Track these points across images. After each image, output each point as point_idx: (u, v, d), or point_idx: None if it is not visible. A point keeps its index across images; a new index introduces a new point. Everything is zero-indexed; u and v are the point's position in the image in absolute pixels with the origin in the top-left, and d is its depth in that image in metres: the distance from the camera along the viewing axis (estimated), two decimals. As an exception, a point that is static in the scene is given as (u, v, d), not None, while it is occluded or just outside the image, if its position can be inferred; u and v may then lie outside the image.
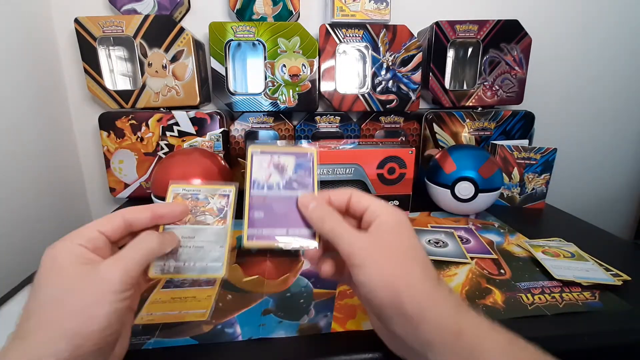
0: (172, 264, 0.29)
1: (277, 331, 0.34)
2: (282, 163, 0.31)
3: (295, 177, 0.31)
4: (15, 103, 0.61)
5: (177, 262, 0.29)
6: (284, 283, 0.43)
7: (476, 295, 0.40)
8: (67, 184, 0.76)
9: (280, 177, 0.31)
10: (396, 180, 0.61)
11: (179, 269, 0.29)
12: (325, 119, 0.76)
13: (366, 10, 0.70)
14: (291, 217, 0.29)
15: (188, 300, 0.39)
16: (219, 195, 0.32)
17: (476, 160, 0.60)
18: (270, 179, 0.30)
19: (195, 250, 0.30)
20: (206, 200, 0.31)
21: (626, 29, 0.87)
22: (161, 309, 0.37)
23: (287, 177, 0.31)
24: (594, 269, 0.43)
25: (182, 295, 0.40)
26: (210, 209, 0.31)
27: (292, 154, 0.31)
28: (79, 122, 0.79)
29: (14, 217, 0.59)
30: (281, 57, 0.69)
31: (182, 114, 0.69)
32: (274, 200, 0.30)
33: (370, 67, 0.72)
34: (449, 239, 0.53)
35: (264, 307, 0.38)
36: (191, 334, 0.34)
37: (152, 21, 0.65)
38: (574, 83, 0.90)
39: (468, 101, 0.75)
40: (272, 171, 0.31)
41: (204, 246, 0.30)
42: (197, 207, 0.31)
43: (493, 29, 0.71)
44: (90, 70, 0.66)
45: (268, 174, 0.30)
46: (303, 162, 0.31)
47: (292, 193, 0.30)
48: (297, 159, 0.31)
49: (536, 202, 0.69)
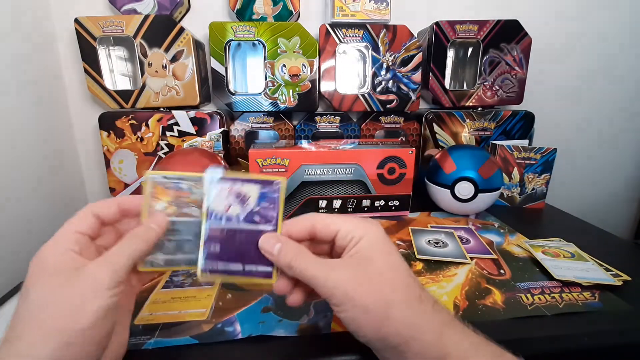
0: (161, 257, 0.28)
1: (277, 329, 0.34)
2: (244, 193, 0.28)
3: (258, 209, 0.28)
4: (15, 103, 0.61)
5: (165, 255, 0.29)
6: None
7: (476, 295, 0.40)
8: (67, 184, 0.76)
9: (241, 208, 0.28)
10: (396, 180, 0.61)
11: (169, 262, 0.29)
12: (325, 119, 0.76)
13: (366, 10, 0.70)
14: (249, 253, 0.28)
15: (188, 299, 0.39)
16: None
17: (476, 160, 0.60)
18: (229, 210, 0.28)
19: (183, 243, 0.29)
20: (190, 190, 0.29)
21: (626, 29, 0.87)
22: (161, 308, 0.37)
23: (249, 208, 0.28)
24: (594, 269, 0.43)
25: (182, 295, 0.40)
26: (195, 200, 0.29)
27: (257, 183, 0.28)
28: (79, 122, 0.79)
29: (14, 217, 0.59)
30: (281, 57, 0.69)
31: (182, 114, 0.69)
32: (232, 233, 0.28)
33: (370, 67, 0.72)
34: (449, 239, 0.53)
35: (263, 304, 0.38)
36: (191, 333, 0.34)
37: (152, 21, 0.65)
38: (574, 83, 0.90)
39: (468, 101, 0.75)
40: (232, 201, 0.28)
41: (191, 239, 0.29)
42: (181, 197, 0.29)
43: (493, 29, 0.71)
44: (90, 70, 0.66)
45: (227, 204, 0.28)
46: (268, 192, 0.28)
47: (253, 227, 0.28)
48: (261, 188, 0.28)
49: (536, 202, 0.69)
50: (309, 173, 0.59)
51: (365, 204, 0.62)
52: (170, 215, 0.28)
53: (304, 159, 0.58)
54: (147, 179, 0.28)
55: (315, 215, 0.29)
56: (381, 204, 0.62)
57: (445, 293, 0.40)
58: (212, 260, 0.28)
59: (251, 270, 0.28)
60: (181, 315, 0.36)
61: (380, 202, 0.62)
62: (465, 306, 0.38)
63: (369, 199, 0.61)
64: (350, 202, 0.61)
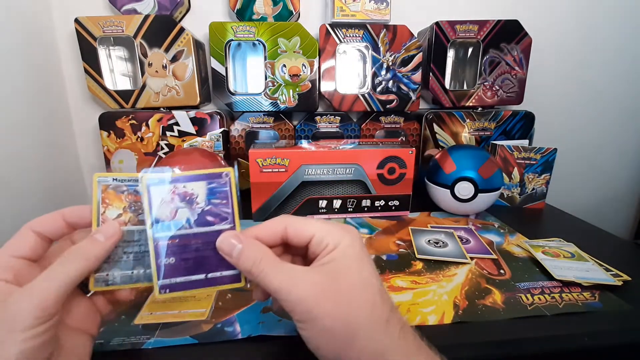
0: (117, 273, 0.25)
1: (277, 329, 0.34)
2: (190, 192, 0.25)
3: (210, 208, 0.25)
4: (15, 103, 0.61)
5: (122, 271, 0.25)
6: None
7: (476, 295, 0.40)
8: (67, 184, 0.76)
9: (189, 210, 0.25)
10: (396, 180, 0.61)
11: (126, 279, 0.25)
12: (325, 119, 0.76)
13: (366, 10, 0.70)
14: (209, 258, 0.25)
15: (188, 299, 0.39)
16: None
17: (476, 160, 0.60)
18: (177, 214, 0.25)
19: (142, 255, 0.26)
20: None
21: (627, 29, 0.87)
22: (161, 308, 0.37)
23: (199, 209, 0.25)
24: (594, 269, 0.43)
25: (182, 294, 0.40)
26: None
27: (202, 178, 0.25)
28: (79, 122, 0.79)
29: (14, 217, 0.59)
30: (281, 57, 0.69)
31: (182, 114, 0.69)
32: (186, 241, 0.25)
33: (370, 67, 0.72)
34: (449, 239, 0.53)
35: (263, 304, 0.38)
36: (191, 333, 0.34)
37: (152, 21, 0.65)
38: (574, 83, 0.90)
39: (468, 101, 0.75)
40: (177, 205, 0.25)
41: None
42: (137, 202, 0.25)
43: (493, 29, 0.71)
44: (90, 70, 0.66)
45: (174, 208, 0.25)
46: (217, 187, 0.25)
47: (208, 229, 0.25)
48: (208, 184, 0.25)
49: (536, 202, 0.69)
50: (309, 173, 0.59)
51: (365, 204, 0.62)
52: (126, 223, 0.25)
53: (304, 159, 0.58)
54: (95, 184, 0.25)
55: (287, 217, 0.26)
56: (381, 204, 0.62)
57: (445, 293, 0.40)
58: (169, 276, 0.25)
59: (215, 277, 0.25)
60: (181, 315, 0.36)
61: (380, 202, 0.62)
62: (465, 306, 0.38)
63: (369, 199, 0.61)
64: (350, 202, 0.61)
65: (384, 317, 0.23)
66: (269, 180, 0.58)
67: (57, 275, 0.22)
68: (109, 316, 0.28)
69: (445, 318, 0.36)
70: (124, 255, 0.25)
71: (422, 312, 0.37)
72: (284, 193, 0.59)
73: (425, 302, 0.38)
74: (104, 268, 0.25)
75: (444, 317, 0.36)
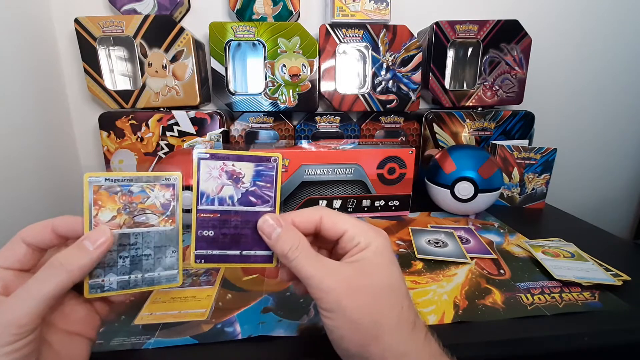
0: (114, 278, 0.25)
1: (277, 330, 0.34)
2: (238, 171, 0.26)
3: (254, 189, 0.26)
4: (15, 103, 0.61)
5: (119, 276, 0.25)
6: (284, 282, 0.43)
7: (476, 295, 0.40)
8: (67, 184, 0.76)
9: (234, 188, 0.26)
10: (396, 180, 0.61)
11: (123, 284, 0.25)
12: (325, 119, 0.76)
13: (366, 10, 0.70)
14: (246, 237, 0.26)
15: (188, 299, 0.39)
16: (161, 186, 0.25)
17: (476, 160, 0.60)
18: (222, 191, 0.26)
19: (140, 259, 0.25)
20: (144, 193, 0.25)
21: (627, 29, 0.87)
22: (161, 308, 0.37)
23: (244, 188, 0.26)
24: (594, 269, 0.43)
25: (182, 295, 0.40)
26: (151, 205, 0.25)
27: (251, 160, 0.26)
28: (79, 122, 0.79)
29: (14, 217, 0.59)
30: (281, 57, 0.69)
31: (182, 114, 0.69)
32: (227, 217, 0.26)
33: (370, 67, 0.72)
34: (449, 239, 0.53)
35: (263, 305, 0.38)
36: (191, 334, 0.34)
37: (152, 21, 0.65)
38: (574, 83, 0.90)
39: (468, 101, 0.75)
40: (224, 181, 0.25)
41: (151, 253, 0.25)
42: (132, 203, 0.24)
43: (493, 29, 0.71)
44: (90, 70, 0.66)
45: (220, 184, 0.25)
46: (264, 170, 0.26)
47: (249, 209, 0.26)
48: (256, 166, 0.26)
49: (536, 202, 0.69)
50: (309, 173, 0.59)
51: (365, 204, 0.62)
52: (120, 226, 0.24)
53: (304, 159, 0.58)
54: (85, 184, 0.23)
55: (323, 209, 0.27)
56: (381, 204, 0.62)
57: (445, 292, 0.40)
58: (205, 247, 0.26)
59: (249, 255, 0.26)
60: (181, 315, 0.36)
61: (380, 202, 0.62)
62: (465, 306, 0.38)
63: (369, 199, 0.61)
64: (350, 202, 0.61)
65: (411, 320, 0.24)
66: (269, 180, 0.58)
67: (33, 291, 0.21)
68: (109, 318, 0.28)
69: (446, 318, 0.36)
70: (119, 259, 0.25)
71: (422, 312, 0.37)
72: (284, 193, 0.59)
73: (426, 302, 0.38)
74: (98, 274, 0.24)
75: (444, 317, 0.36)
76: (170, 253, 0.26)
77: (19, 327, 0.20)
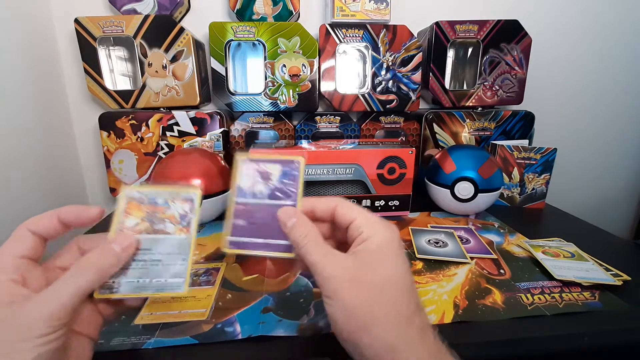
0: (123, 281, 0.26)
1: (277, 330, 0.34)
2: (268, 171, 0.30)
3: (280, 186, 0.30)
4: (16, 103, 0.62)
5: (128, 279, 0.26)
6: (284, 282, 0.43)
7: (476, 295, 0.40)
8: (67, 184, 0.76)
9: (264, 185, 0.30)
10: (396, 180, 0.61)
11: (132, 288, 0.26)
12: (325, 119, 0.76)
13: (366, 10, 0.70)
14: (271, 227, 0.29)
15: (188, 299, 0.39)
16: (182, 200, 0.28)
17: (476, 160, 0.60)
18: (254, 187, 0.30)
19: (151, 264, 0.26)
20: (166, 205, 0.28)
21: (627, 29, 0.87)
22: (161, 308, 0.37)
23: (272, 185, 0.30)
24: (594, 269, 0.43)
25: (182, 294, 0.40)
26: (171, 216, 0.28)
27: (278, 162, 0.30)
28: (79, 122, 0.79)
29: (13, 217, 0.59)
30: (281, 57, 0.69)
31: (182, 114, 0.69)
32: (257, 209, 0.29)
33: (370, 67, 0.72)
34: (449, 239, 0.53)
35: (263, 305, 0.38)
36: (191, 334, 0.34)
37: (152, 21, 0.65)
38: (574, 83, 0.90)
39: (468, 101, 0.75)
40: (257, 180, 0.30)
41: (162, 259, 0.27)
42: (155, 213, 0.27)
43: (493, 29, 0.71)
44: (90, 70, 0.66)
45: (253, 182, 0.30)
46: (289, 170, 0.30)
47: (275, 202, 0.29)
48: (282, 167, 0.30)
49: (536, 202, 0.69)
50: (309, 173, 0.59)
51: (365, 204, 0.62)
52: (141, 231, 0.27)
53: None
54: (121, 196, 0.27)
55: (339, 199, 0.29)
56: (381, 204, 0.62)
57: (445, 292, 0.40)
58: (238, 235, 0.29)
59: (271, 244, 0.29)
60: (181, 315, 0.36)
61: (380, 202, 0.62)
62: (465, 306, 0.38)
63: (369, 199, 0.61)
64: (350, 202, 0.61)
65: (405, 314, 0.24)
66: (269, 180, 0.58)
67: (71, 284, 0.23)
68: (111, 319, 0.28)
69: (445, 318, 0.36)
70: (132, 262, 0.26)
71: (422, 312, 0.37)
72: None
73: (426, 301, 0.38)
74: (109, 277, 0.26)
75: (444, 317, 0.36)
76: (180, 261, 0.27)
77: (56, 319, 0.21)
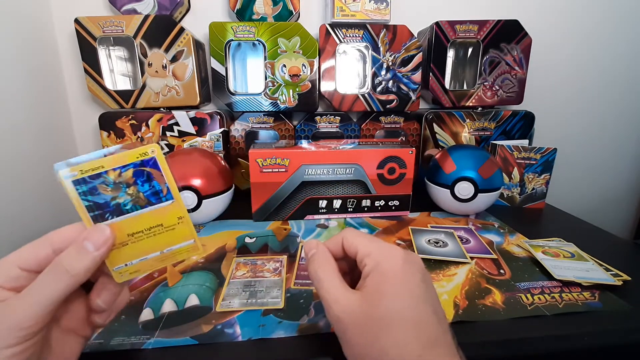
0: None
1: (277, 331, 0.34)
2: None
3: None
4: (15, 103, 0.61)
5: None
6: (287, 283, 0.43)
7: (476, 295, 0.40)
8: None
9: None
10: (396, 180, 0.61)
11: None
12: (325, 119, 0.76)
13: (366, 10, 0.70)
14: None
15: (160, 230, 0.26)
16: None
17: (476, 160, 0.60)
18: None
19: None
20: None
21: (627, 29, 0.87)
22: (134, 253, 0.26)
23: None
24: (594, 269, 0.43)
25: (145, 224, 0.26)
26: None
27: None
28: (79, 122, 0.79)
29: (13, 217, 0.59)
30: (281, 57, 0.69)
31: (182, 114, 0.69)
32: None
33: (370, 67, 0.72)
34: (449, 239, 0.53)
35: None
36: (191, 334, 0.34)
37: (152, 21, 0.65)
38: (574, 83, 0.90)
39: (468, 101, 0.75)
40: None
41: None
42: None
43: (493, 29, 0.71)
44: (90, 70, 0.66)
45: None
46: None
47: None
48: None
49: (536, 202, 0.69)
50: (309, 173, 0.59)
51: (365, 204, 0.62)
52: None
53: (304, 159, 0.58)
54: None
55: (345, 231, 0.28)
56: (381, 204, 0.62)
57: (445, 292, 0.40)
58: None
59: None
60: (166, 256, 0.27)
61: (380, 202, 0.62)
62: (465, 306, 0.38)
63: (369, 199, 0.61)
64: (350, 202, 0.61)
65: (415, 352, 0.22)
66: (269, 180, 0.58)
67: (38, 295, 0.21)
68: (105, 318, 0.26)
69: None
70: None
71: (422, 312, 0.37)
72: (284, 193, 0.59)
73: (426, 302, 0.38)
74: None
75: (444, 317, 0.36)
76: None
77: (22, 330, 0.20)
